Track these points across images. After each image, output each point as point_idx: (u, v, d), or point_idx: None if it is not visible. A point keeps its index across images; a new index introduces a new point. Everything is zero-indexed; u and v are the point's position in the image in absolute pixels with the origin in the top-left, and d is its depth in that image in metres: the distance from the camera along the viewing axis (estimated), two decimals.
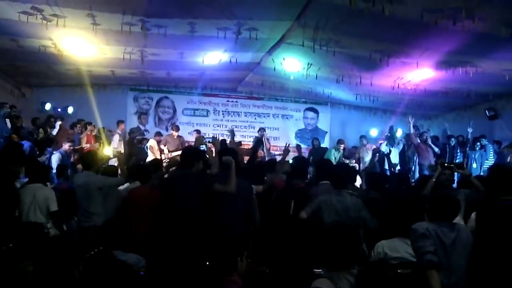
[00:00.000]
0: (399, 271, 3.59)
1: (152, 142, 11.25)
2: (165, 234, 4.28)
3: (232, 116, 13.71)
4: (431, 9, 5.83)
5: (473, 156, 10.27)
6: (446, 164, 5.66)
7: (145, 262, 3.80)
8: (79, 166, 6.65)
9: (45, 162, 7.97)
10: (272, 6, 6.48)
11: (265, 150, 11.15)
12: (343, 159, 11.24)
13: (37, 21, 6.88)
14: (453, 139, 10.80)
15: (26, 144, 8.81)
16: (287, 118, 13.99)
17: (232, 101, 13.70)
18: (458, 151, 10.66)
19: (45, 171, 5.48)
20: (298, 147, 12.11)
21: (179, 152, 10.55)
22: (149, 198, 4.75)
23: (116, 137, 10.82)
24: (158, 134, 11.79)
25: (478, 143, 10.26)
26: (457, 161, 10.14)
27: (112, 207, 5.02)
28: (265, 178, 5.77)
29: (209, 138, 8.56)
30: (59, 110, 11.64)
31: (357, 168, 10.28)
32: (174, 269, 3.68)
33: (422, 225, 3.33)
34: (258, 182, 5.33)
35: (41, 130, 10.57)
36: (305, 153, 13.03)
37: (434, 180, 5.37)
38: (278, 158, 11.12)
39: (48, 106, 11.56)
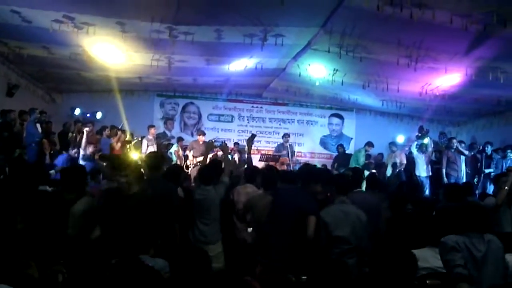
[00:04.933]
0: (427, 281, 3.51)
1: (176, 147, 11.33)
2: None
3: (256, 121, 13.74)
4: (461, 14, 5.73)
5: (504, 164, 9.97)
6: None
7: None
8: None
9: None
10: (299, 12, 6.48)
11: (290, 157, 11.09)
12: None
13: (68, 29, 7.08)
14: (489, 146, 10.48)
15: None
16: (312, 124, 13.93)
17: (257, 107, 13.73)
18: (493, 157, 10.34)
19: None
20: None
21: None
22: None
23: (145, 142, 10.95)
24: (181, 139, 11.89)
25: (510, 151, 9.95)
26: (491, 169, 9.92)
27: None
28: None
29: (219, 142, 8.45)
30: (88, 115, 11.89)
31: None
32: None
33: (452, 238, 3.27)
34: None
35: (70, 135, 10.84)
36: (330, 160, 12.98)
37: (507, 188, 4.97)
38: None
39: (77, 111, 11.83)
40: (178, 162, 10.64)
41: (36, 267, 2.69)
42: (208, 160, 6.00)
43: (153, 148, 10.76)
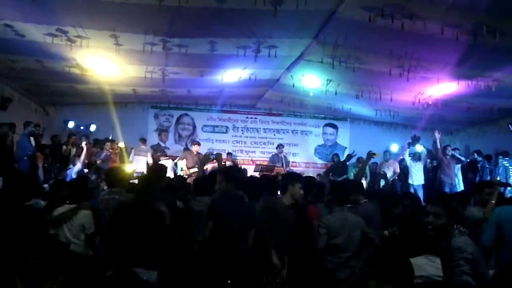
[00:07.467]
0: None
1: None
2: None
3: (251, 132, 13.76)
4: (451, 25, 5.80)
5: (497, 171, 10.01)
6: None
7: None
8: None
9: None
10: (291, 24, 6.53)
11: (284, 167, 11.09)
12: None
13: (62, 42, 7.10)
14: (476, 154, 10.54)
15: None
16: (306, 134, 13.98)
17: (251, 118, 13.77)
18: (486, 165, 10.39)
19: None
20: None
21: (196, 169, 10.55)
22: None
23: (149, 154, 11.08)
24: (187, 149, 11.79)
25: (501, 158, 10.01)
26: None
27: None
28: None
29: (214, 155, 8.31)
30: (82, 127, 11.86)
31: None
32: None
33: (469, 244, 3.10)
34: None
35: (64, 147, 10.79)
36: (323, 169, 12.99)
37: (493, 202, 4.80)
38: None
39: (71, 124, 11.80)
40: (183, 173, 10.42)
41: (27, 283, 2.65)
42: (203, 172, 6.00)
43: (145, 159, 10.90)
